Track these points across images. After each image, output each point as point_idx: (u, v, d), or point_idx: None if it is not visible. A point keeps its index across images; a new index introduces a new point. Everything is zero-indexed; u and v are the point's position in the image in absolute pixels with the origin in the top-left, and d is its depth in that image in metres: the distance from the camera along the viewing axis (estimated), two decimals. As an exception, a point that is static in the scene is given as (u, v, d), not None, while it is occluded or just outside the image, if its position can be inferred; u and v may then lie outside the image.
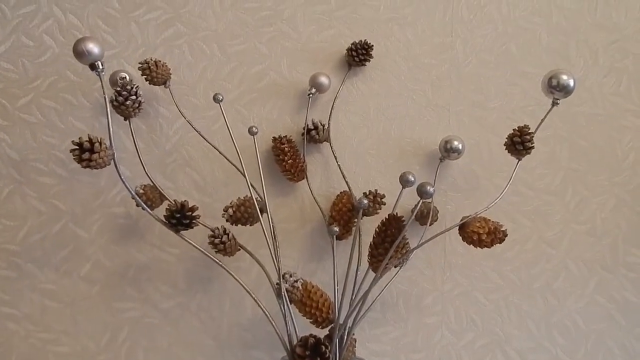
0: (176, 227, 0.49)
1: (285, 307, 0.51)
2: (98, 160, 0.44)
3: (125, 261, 0.63)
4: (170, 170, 0.63)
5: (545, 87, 0.50)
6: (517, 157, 0.53)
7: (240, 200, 0.53)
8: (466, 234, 0.51)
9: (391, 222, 0.50)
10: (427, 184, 0.46)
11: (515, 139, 0.51)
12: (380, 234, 0.50)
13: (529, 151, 0.51)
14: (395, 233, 0.49)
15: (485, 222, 0.51)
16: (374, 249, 0.51)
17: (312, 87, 0.61)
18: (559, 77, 0.49)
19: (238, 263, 0.63)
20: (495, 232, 0.50)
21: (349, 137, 0.64)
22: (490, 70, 0.64)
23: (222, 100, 0.53)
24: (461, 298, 0.65)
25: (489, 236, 0.50)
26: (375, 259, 0.50)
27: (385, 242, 0.49)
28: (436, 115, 0.64)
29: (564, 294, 0.65)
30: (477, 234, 0.50)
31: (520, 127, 0.51)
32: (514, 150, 0.52)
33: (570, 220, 0.65)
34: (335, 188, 0.64)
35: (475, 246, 0.51)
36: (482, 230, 0.50)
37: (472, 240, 0.51)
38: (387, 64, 0.64)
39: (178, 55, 0.63)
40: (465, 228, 0.51)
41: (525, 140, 0.51)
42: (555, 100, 0.51)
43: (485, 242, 0.50)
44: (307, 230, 0.64)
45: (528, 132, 0.51)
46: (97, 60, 0.44)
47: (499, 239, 0.51)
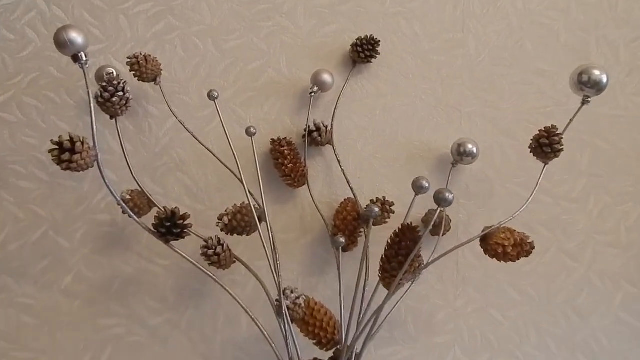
0: (166, 237, 0.47)
1: (287, 327, 0.48)
2: (80, 161, 0.42)
3: (109, 273, 0.61)
4: (159, 174, 0.61)
5: (574, 84, 0.49)
6: (543, 161, 0.51)
7: (237, 208, 0.51)
8: (489, 246, 0.49)
9: (405, 233, 0.47)
10: (445, 191, 0.44)
11: (542, 140, 0.49)
12: (394, 246, 0.48)
13: (557, 154, 0.49)
14: (411, 245, 0.47)
15: (510, 233, 0.48)
16: (385, 262, 0.48)
17: (315, 85, 0.60)
18: (591, 72, 0.48)
19: (233, 276, 0.61)
20: (522, 244, 0.48)
21: (353, 140, 0.63)
22: (505, 68, 0.64)
23: (218, 97, 0.51)
24: (475, 315, 0.63)
25: (515, 249, 0.48)
26: (387, 274, 0.48)
27: (399, 255, 0.47)
28: (446, 116, 0.64)
29: (587, 310, 0.64)
30: (502, 247, 0.47)
31: (548, 127, 0.50)
32: (541, 153, 0.50)
33: (593, 230, 0.64)
34: (338, 195, 0.63)
35: (499, 260, 0.49)
36: (508, 243, 0.47)
37: (496, 254, 0.48)
38: (394, 61, 0.64)
39: (170, 50, 0.62)
40: (489, 240, 0.49)
41: (553, 142, 0.49)
42: (585, 98, 0.49)
43: (511, 255, 0.48)
44: (308, 240, 0.62)
45: (556, 133, 0.49)
46: (81, 51, 0.42)
47: (526, 252, 0.48)
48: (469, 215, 0.63)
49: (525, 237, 0.49)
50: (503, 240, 0.48)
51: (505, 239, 0.48)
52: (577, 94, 0.50)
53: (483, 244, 0.50)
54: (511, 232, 0.49)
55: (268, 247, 0.50)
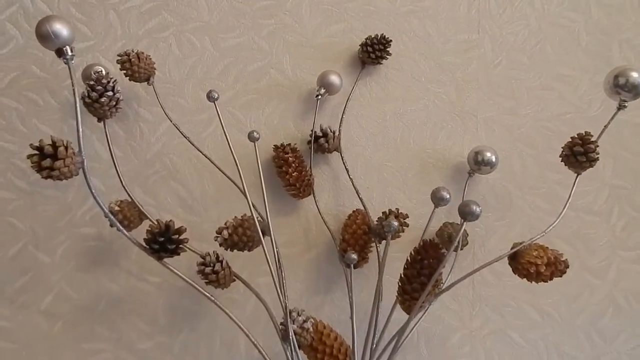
0: (159, 253, 0.43)
1: (293, 355, 0.44)
2: (62, 168, 0.38)
3: (95, 292, 0.59)
4: (151, 183, 0.59)
5: (610, 87, 0.47)
6: (576, 171, 0.49)
7: (238, 221, 0.48)
8: (520, 265, 0.46)
9: (428, 250, 0.44)
10: (472, 203, 0.41)
11: (576, 148, 0.47)
12: (415, 264, 0.44)
13: (592, 164, 0.47)
14: (434, 264, 0.44)
15: (543, 251, 0.45)
16: (406, 283, 0.45)
17: (322, 87, 0.57)
18: (628, 74, 0.46)
19: (230, 294, 0.58)
20: (556, 262, 0.45)
21: (361, 147, 0.61)
22: (523, 72, 0.62)
23: (218, 98, 0.49)
24: (493, 337, 0.61)
25: (549, 268, 0.45)
26: (408, 296, 0.45)
27: (422, 275, 0.44)
28: (462, 123, 0.62)
29: (611, 333, 0.62)
30: (534, 266, 0.45)
31: (581, 134, 0.48)
32: (574, 163, 0.48)
33: (617, 246, 0.62)
34: (345, 206, 0.60)
35: (530, 280, 0.46)
36: (541, 261, 0.45)
37: (528, 274, 0.45)
38: (405, 63, 0.62)
39: (164, 49, 0.59)
40: (519, 258, 0.46)
41: (589, 150, 0.47)
42: (622, 103, 0.47)
43: (544, 275, 0.45)
44: (313, 255, 0.60)
45: (591, 141, 0.47)
46: (66, 44, 0.39)
47: (560, 272, 0.46)
48: (486, 229, 0.61)
49: (559, 254, 0.46)
50: (535, 258, 0.45)
51: (538, 257, 0.45)
52: (612, 98, 0.48)
53: (512, 263, 0.47)
54: (544, 250, 0.46)
55: (273, 264, 0.46)
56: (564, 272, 0.46)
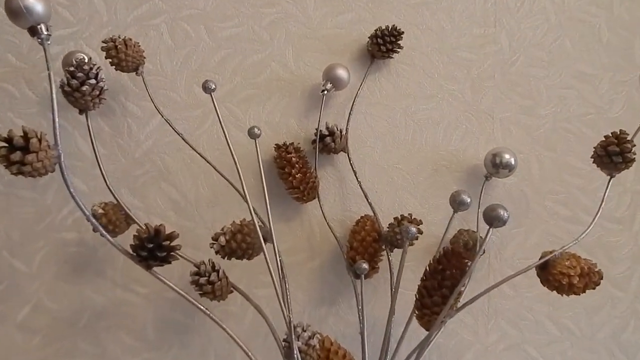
0: (147, 261, 0.40)
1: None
2: (35, 163, 0.34)
3: (77, 304, 0.56)
4: (140, 184, 0.56)
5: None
6: (609, 174, 0.47)
7: (237, 226, 0.45)
8: (552, 275, 0.43)
9: (450, 260, 0.41)
10: (499, 207, 0.38)
11: (611, 148, 0.45)
12: (436, 275, 0.41)
13: (629, 164, 0.45)
14: (457, 274, 0.40)
15: (576, 261, 0.43)
16: (425, 296, 0.42)
17: (328, 82, 0.55)
18: None
19: (226, 306, 0.55)
20: (590, 273, 0.43)
21: (369, 148, 0.58)
22: (542, 70, 0.60)
23: (215, 90, 0.45)
24: (509, 353, 0.59)
25: (582, 279, 0.42)
26: (428, 310, 0.41)
27: (443, 287, 0.40)
28: (477, 123, 0.59)
29: (634, 347, 0.60)
30: (567, 277, 0.42)
31: (616, 133, 0.45)
32: (609, 164, 0.45)
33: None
34: (352, 211, 0.58)
35: (562, 293, 0.43)
36: (574, 272, 0.42)
37: (560, 285, 0.42)
38: (417, 58, 0.59)
39: (154, 38, 0.56)
40: (551, 269, 0.43)
41: (625, 149, 0.44)
42: None
43: (577, 287, 0.42)
44: (317, 264, 0.57)
45: (627, 140, 0.44)
46: (40, 22, 0.35)
47: (594, 283, 0.43)
48: (502, 237, 0.59)
49: (593, 264, 0.44)
50: (568, 269, 0.42)
51: (571, 267, 0.42)
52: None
53: (542, 274, 0.44)
54: (577, 259, 0.43)
55: (275, 273, 0.42)
56: (597, 283, 0.43)
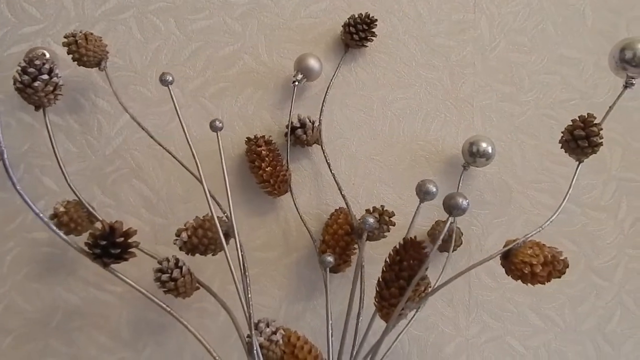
0: (102, 258, 0.40)
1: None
2: None
3: (49, 304, 0.56)
4: (111, 182, 0.56)
5: (615, 62, 0.44)
6: (577, 159, 0.46)
7: (198, 221, 0.45)
8: (514, 265, 0.43)
9: (408, 250, 0.41)
10: (458, 195, 0.38)
11: (577, 132, 0.44)
12: (393, 266, 0.41)
13: (595, 149, 0.44)
14: (415, 265, 0.41)
15: (539, 249, 0.43)
16: (383, 288, 0.42)
17: (299, 73, 0.54)
18: (636, 47, 0.42)
19: (202, 304, 0.55)
20: (554, 262, 0.42)
21: (346, 139, 0.58)
22: (523, 55, 0.59)
23: (172, 82, 0.45)
24: (491, 345, 0.59)
25: (545, 268, 0.42)
26: (385, 302, 0.42)
27: (401, 278, 0.41)
28: (456, 112, 0.59)
29: (620, 338, 0.59)
30: (529, 266, 0.42)
31: (583, 116, 0.45)
32: (575, 149, 0.45)
33: (625, 244, 0.59)
34: (328, 205, 0.57)
35: (525, 282, 0.43)
36: (536, 260, 0.42)
37: (522, 275, 0.42)
38: (394, 46, 0.59)
39: (123, 33, 0.56)
40: (512, 257, 0.43)
41: (591, 133, 0.44)
42: (629, 80, 0.44)
43: (540, 276, 0.42)
44: (293, 260, 0.57)
45: (594, 123, 0.44)
46: None
47: (559, 272, 0.43)
48: (483, 227, 0.59)
49: (558, 252, 0.43)
50: (531, 257, 0.42)
51: (534, 256, 0.42)
52: (619, 74, 0.45)
53: (505, 263, 0.44)
54: (540, 247, 0.43)
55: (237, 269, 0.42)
56: (563, 272, 0.43)
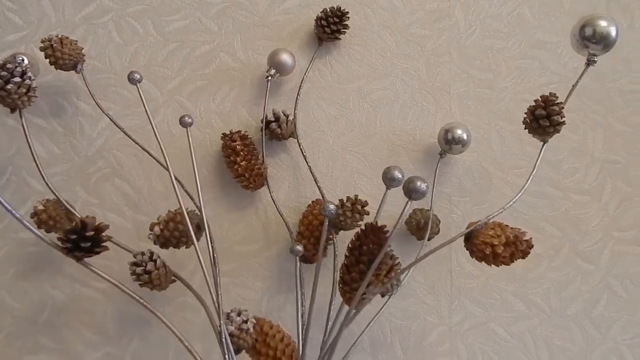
0: (73, 252, 0.41)
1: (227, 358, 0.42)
2: None
3: (37, 301, 0.56)
4: (94, 181, 0.57)
5: (576, 40, 0.44)
6: (541, 139, 0.46)
7: (170, 214, 0.46)
8: (475, 246, 0.43)
9: (368, 235, 0.41)
10: (417, 179, 0.38)
11: (538, 112, 0.44)
12: (354, 251, 0.42)
13: (557, 128, 0.44)
14: (374, 249, 0.41)
15: (501, 230, 0.42)
16: (345, 273, 0.42)
17: (272, 68, 0.55)
18: (595, 24, 0.43)
19: (184, 298, 0.55)
20: (516, 242, 0.42)
21: (322, 132, 0.58)
22: (500, 41, 0.60)
23: (141, 80, 0.47)
24: (475, 333, 0.58)
25: (508, 248, 0.42)
26: (347, 287, 0.42)
27: (361, 262, 0.41)
28: (433, 100, 0.59)
29: (607, 322, 0.59)
30: (490, 246, 0.42)
31: (545, 96, 0.44)
32: (538, 129, 0.45)
33: (611, 227, 0.59)
34: (307, 197, 0.58)
35: (489, 263, 0.43)
36: (498, 241, 0.41)
37: (484, 255, 0.42)
38: (369, 38, 0.59)
39: (103, 36, 0.57)
40: (474, 239, 0.43)
41: (552, 112, 0.43)
42: (590, 58, 0.44)
43: (503, 257, 0.42)
44: (273, 253, 0.57)
45: (556, 102, 0.44)
46: None
47: (522, 252, 0.42)
48: (464, 215, 0.59)
49: (521, 233, 0.43)
50: (492, 238, 0.42)
51: (495, 237, 0.42)
52: (581, 52, 0.45)
53: (468, 244, 0.44)
54: (502, 228, 0.43)
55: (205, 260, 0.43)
56: (526, 252, 0.43)
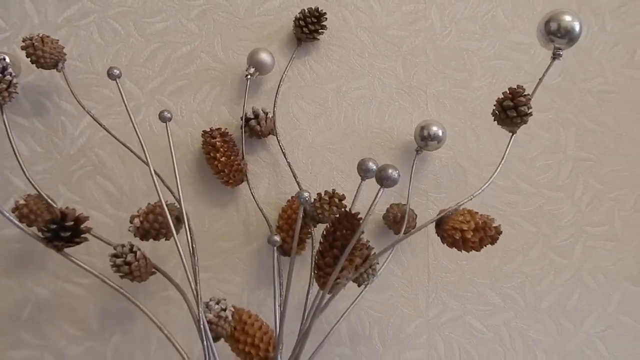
0: (53, 242, 0.42)
1: (207, 347, 0.43)
2: None
3: (19, 297, 0.57)
4: (76, 179, 0.57)
5: (542, 35, 0.46)
6: (510, 130, 0.47)
7: (150, 207, 0.48)
8: (446, 232, 0.45)
9: (342, 221, 0.42)
10: (389, 167, 0.39)
11: (506, 103, 0.45)
12: (328, 237, 0.43)
13: (525, 119, 0.45)
14: (348, 235, 0.42)
15: (471, 215, 0.44)
16: (320, 258, 0.44)
17: (251, 67, 0.56)
18: (560, 18, 0.44)
19: (167, 292, 0.56)
20: (485, 228, 0.44)
21: (302, 130, 0.60)
22: (474, 42, 0.61)
23: (120, 75, 0.48)
24: (451, 325, 0.60)
25: (477, 234, 0.44)
26: (322, 272, 0.43)
27: (334, 247, 0.42)
28: (410, 99, 0.61)
29: (580, 315, 0.60)
30: (459, 232, 0.43)
31: (513, 88, 0.46)
32: (505, 119, 0.46)
33: (583, 222, 0.61)
34: (287, 194, 0.59)
35: (459, 249, 0.45)
36: (467, 226, 0.43)
37: (454, 241, 0.44)
38: (347, 39, 0.61)
39: (85, 37, 0.58)
40: (444, 224, 0.45)
41: (519, 103, 0.45)
42: (556, 51, 0.46)
43: (472, 242, 0.44)
44: (254, 248, 0.59)
45: (523, 94, 0.45)
46: None
47: (490, 238, 0.44)
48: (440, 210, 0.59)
49: (490, 219, 0.45)
50: (461, 223, 0.44)
51: (464, 222, 0.44)
52: (546, 47, 0.47)
53: (439, 230, 0.46)
54: (471, 215, 0.45)
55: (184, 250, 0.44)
56: (495, 238, 0.44)
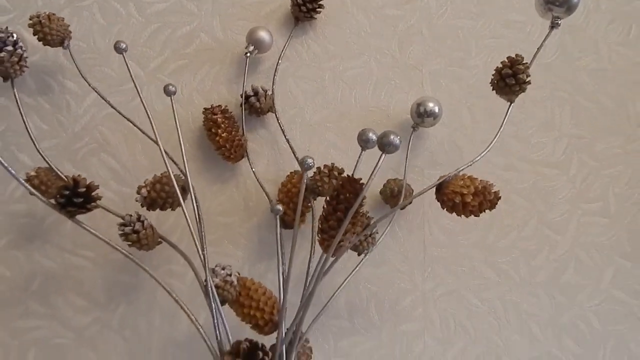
0: (67, 208, 0.44)
1: (215, 308, 0.45)
2: None
3: (28, 270, 0.59)
4: (81, 156, 0.59)
5: (540, 5, 0.46)
6: (508, 99, 0.48)
7: (156, 177, 0.49)
8: (446, 196, 0.46)
9: (345, 186, 0.44)
10: (390, 133, 0.39)
11: (505, 71, 0.46)
12: (332, 201, 0.44)
13: (523, 87, 0.46)
14: (351, 199, 0.43)
15: (470, 181, 0.46)
16: (324, 222, 0.45)
17: (250, 45, 0.58)
18: None
19: (170, 266, 0.59)
20: (485, 192, 0.45)
21: (300, 108, 0.61)
22: (470, 20, 0.62)
23: (126, 49, 0.49)
24: (447, 299, 0.61)
25: (476, 198, 0.45)
26: (326, 235, 0.45)
27: (338, 210, 0.43)
28: (406, 78, 0.62)
29: (574, 289, 0.61)
30: (459, 196, 0.45)
31: (511, 57, 0.46)
32: (504, 88, 0.47)
33: (578, 199, 0.62)
34: (286, 170, 0.60)
35: (459, 213, 0.46)
36: (467, 191, 0.45)
37: (454, 205, 0.45)
38: (343, 18, 0.62)
39: (87, 18, 0.60)
40: (444, 189, 0.46)
41: (518, 71, 0.46)
42: (555, 20, 0.46)
43: (472, 206, 0.45)
44: (254, 223, 0.60)
45: (522, 62, 0.46)
46: None
47: (490, 202, 0.45)
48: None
49: (489, 185, 0.46)
50: (461, 188, 0.45)
51: (464, 187, 0.45)
52: (544, 16, 0.47)
53: (438, 195, 0.47)
54: (471, 180, 0.46)
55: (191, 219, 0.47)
56: (494, 203, 0.46)
